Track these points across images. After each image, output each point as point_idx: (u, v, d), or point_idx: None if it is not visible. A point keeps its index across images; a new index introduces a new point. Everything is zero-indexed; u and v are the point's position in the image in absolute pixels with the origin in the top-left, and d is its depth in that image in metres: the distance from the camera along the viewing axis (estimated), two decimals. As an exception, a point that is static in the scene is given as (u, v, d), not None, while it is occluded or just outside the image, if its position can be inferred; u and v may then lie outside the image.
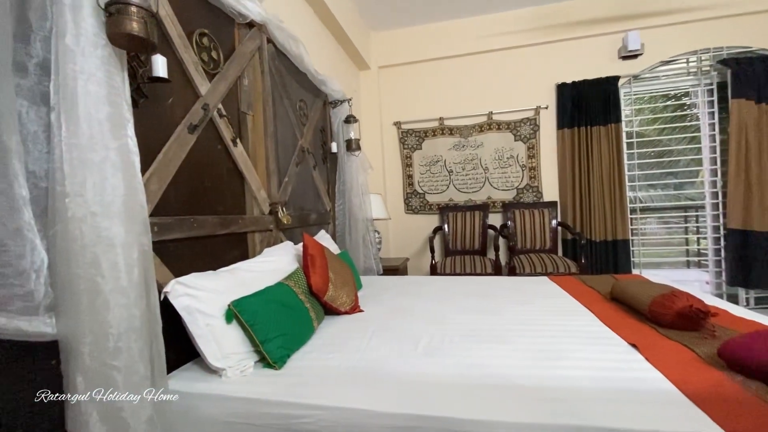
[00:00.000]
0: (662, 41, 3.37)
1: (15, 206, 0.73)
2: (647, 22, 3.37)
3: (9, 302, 0.73)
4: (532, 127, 3.67)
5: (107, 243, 0.82)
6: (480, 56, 3.78)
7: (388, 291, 2.11)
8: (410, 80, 3.97)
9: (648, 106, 3.56)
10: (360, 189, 2.93)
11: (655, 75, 3.45)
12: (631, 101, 3.52)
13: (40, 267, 0.79)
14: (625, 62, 3.46)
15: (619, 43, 3.45)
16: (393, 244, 4.02)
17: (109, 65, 0.88)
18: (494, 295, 1.89)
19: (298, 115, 2.40)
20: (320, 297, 1.57)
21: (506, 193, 3.76)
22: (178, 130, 1.33)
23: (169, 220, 1.25)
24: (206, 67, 1.51)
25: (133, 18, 0.90)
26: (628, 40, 3.34)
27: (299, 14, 2.61)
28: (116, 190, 0.85)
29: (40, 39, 0.88)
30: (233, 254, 1.65)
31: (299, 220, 2.27)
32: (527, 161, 3.70)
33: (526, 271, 3.03)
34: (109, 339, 0.81)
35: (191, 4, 1.47)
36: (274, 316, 1.26)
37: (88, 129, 0.83)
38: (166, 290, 1.11)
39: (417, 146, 3.94)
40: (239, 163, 1.70)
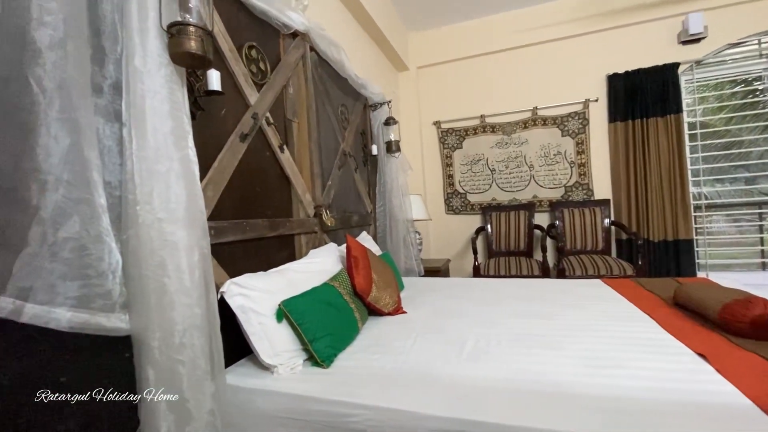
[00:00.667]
0: (729, 22, 3.07)
1: (95, 214, 0.81)
2: (711, 3, 3.09)
3: (91, 300, 0.81)
4: (581, 121, 3.49)
5: (172, 246, 0.89)
6: (522, 50, 3.65)
7: (430, 292, 2.10)
8: (449, 79, 3.92)
9: (713, 93, 3.26)
10: (400, 190, 2.94)
11: (720, 59, 3.15)
12: (693, 89, 3.25)
13: (115, 268, 0.87)
14: (686, 47, 3.19)
15: (679, 27, 3.20)
16: (434, 245, 3.99)
17: (172, 82, 0.96)
18: (543, 299, 1.82)
19: (339, 120, 2.46)
20: (364, 298, 1.60)
21: (554, 191, 3.60)
22: (231, 139, 1.41)
23: (224, 224, 1.33)
24: (255, 78, 1.59)
25: (192, 37, 0.97)
26: (688, 23, 3.08)
27: (339, 20, 2.67)
28: (179, 197, 0.92)
29: (113, 61, 0.97)
30: (281, 255, 1.72)
31: (342, 221, 2.32)
32: (576, 157, 3.53)
33: (577, 273, 2.88)
34: (175, 335, 0.88)
35: (240, 18, 1.55)
36: (321, 316, 1.29)
37: (154, 142, 0.91)
38: (222, 290, 1.18)
39: (457, 145, 3.88)
40: (286, 169, 1.77)
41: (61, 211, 0.77)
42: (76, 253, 0.79)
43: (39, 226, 0.75)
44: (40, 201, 0.76)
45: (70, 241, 0.78)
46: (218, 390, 0.97)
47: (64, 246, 0.77)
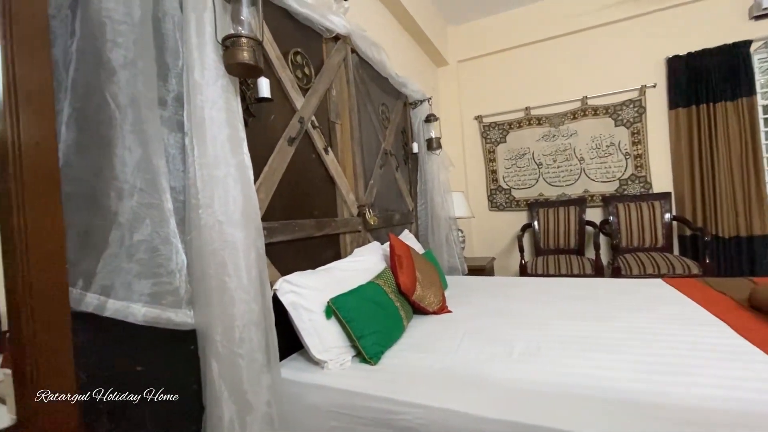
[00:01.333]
0: (816, -11, 2.72)
1: (164, 218, 0.89)
2: (792, -31, 2.75)
3: (162, 297, 0.88)
4: (636, 109, 3.26)
5: (231, 247, 0.95)
6: (570, 37, 3.47)
7: (475, 291, 2.06)
8: (491, 72, 3.81)
9: (796, 71, 2.91)
10: (441, 187, 2.91)
11: (804, 32, 2.81)
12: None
13: (181, 267, 0.94)
14: (759, 23, 2.87)
15: (749, 1, 2.88)
16: (477, 243, 3.91)
17: (227, 92, 1.02)
18: (597, 299, 1.72)
19: (380, 119, 2.48)
20: (408, 296, 1.61)
21: (607, 185, 3.40)
22: (280, 143, 1.47)
23: (275, 225, 1.39)
24: (300, 83, 1.64)
25: (244, 48, 1.02)
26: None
27: (378, 19, 2.69)
28: (236, 200, 0.98)
29: (175, 75, 1.05)
30: (328, 254, 1.77)
31: (384, 220, 2.34)
32: (631, 148, 3.30)
33: (634, 272, 2.70)
34: (235, 330, 0.94)
35: (285, 26, 1.61)
36: (368, 314, 1.32)
37: (213, 149, 0.97)
38: (275, 287, 1.24)
39: (501, 139, 3.77)
40: (330, 170, 1.81)
41: (136, 216, 0.84)
42: (148, 254, 0.86)
43: (117, 229, 0.83)
44: (118, 207, 0.83)
45: (144, 243, 0.85)
46: (274, 382, 1.03)
47: (138, 247, 0.85)
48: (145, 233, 0.86)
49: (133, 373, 0.93)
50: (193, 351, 1.02)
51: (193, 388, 1.03)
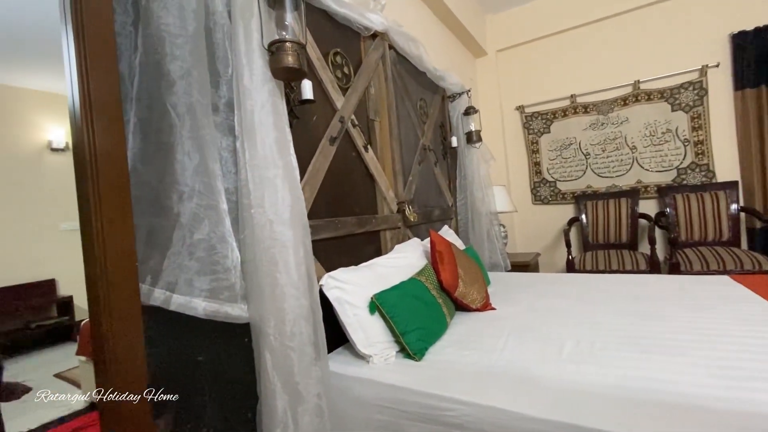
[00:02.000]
0: None
1: (220, 218, 0.94)
2: None
3: (220, 292, 0.94)
4: (696, 92, 3.00)
5: (281, 245, 0.99)
6: (617, 18, 3.26)
7: (519, 288, 2.00)
8: (532, 59, 3.66)
9: None
10: (482, 182, 2.85)
11: None
12: None
13: (236, 264, 1.00)
14: None
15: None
16: (520, 239, 3.79)
17: (274, 96, 1.06)
18: (655, 297, 1.62)
19: (418, 114, 2.46)
20: (451, 293, 1.59)
21: (663, 174, 3.16)
22: (322, 143, 1.51)
23: (319, 222, 1.43)
24: (340, 83, 1.67)
25: (289, 53, 1.06)
26: None
27: (414, 13, 2.67)
28: (285, 200, 1.02)
29: (225, 82, 1.10)
30: (368, 250, 1.80)
31: (423, 216, 2.33)
32: (691, 134, 3.05)
33: (695, 268, 2.51)
34: (286, 324, 0.98)
35: (325, 27, 1.64)
36: (411, 310, 1.33)
37: (262, 151, 1.01)
38: (321, 283, 1.28)
39: (544, 130, 3.62)
40: (370, 167, 1.83)
41: (195, 217, 0.90)
42: (206, 252, 0.92)
43: (179, 229, 0.90)
44: (179, 208, 0.90)
45: (203, 242, 0.91)
46: (323, 375, 1.06)
47: (198, 246, 0.91)
48: (204, 232, 0.91)
49: (194, 362, 1.00)
50: (248, 343, 1.08)
51: (248, 378, 1.09)
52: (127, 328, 0.85)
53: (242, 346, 1.09)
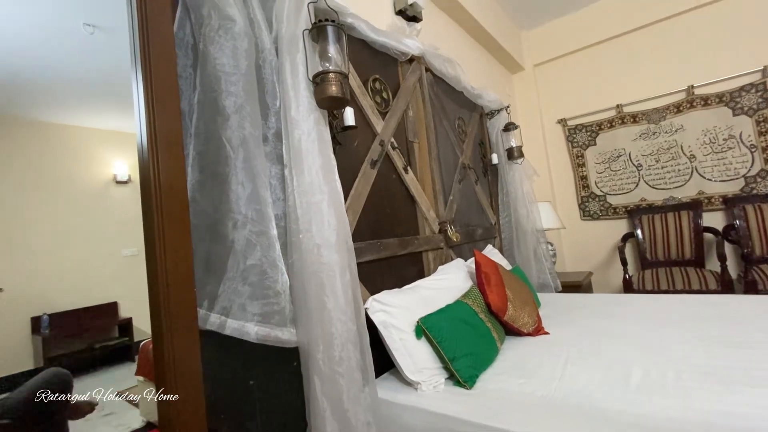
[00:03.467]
0: None
1: (271, 244, 0.97)
2: None
3: (271, 317, 0.96)
4: (761, 93, 2.77)
5: (329, 268, 1.00)
6: (664, 24, 3.10)
7: (573, 311, 1.88)
8: (572, 71, 3.56)
9: None
10: (525, 198, 2.75)
11: None
12: None
13: (285, 288, 1.02)
14: None
15: None
16: (569, 257, 3.60)
17: (319, 124, 1.10)
18: (732, 320, 1.45)
19: (457, 133, 2.45)
20: (500, 316, 1.53)
21: (728, 184, 2.90)
22: (363, 166, 1.53)
23: (362, 245, 1.44)
24: (379, 107, 1.71)
25: (332, 83, 1.10)
26: None
27: (449, 34, 2.70)
28: (331, 224, 1.04)
29: (274, 114, 1.16)
30: (411, 272, 1.77)
31: (466, 236, 2.28)
32: (758, 139, 2.79)
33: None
34: (335, 348, 0.98)
35: (364, 55, 1.69)
36: (459, 334, 1.28)
37: (309, 178, 1.04)
38: (366, 306, 1.27)
39: (590, 142, 3.47)
40: (411, 188, 1.84)
41: (248, 243, 0.94)
42: (259, 277, 0.95)
43: (234, 256, 0.93)
44: (234, 235, 0.94)
45: (255, 267, 0.94)
46: (372, 402, 1.04)
47: (251, 271, 0.94)
48: (256, 258, 0.94)
49: (246, 387, 1.02)
50: (296, 368, 1.09)
51: (297, 403, 1.09)
52: (186, 351, 0.89)
53: (291, 370, 1.10)
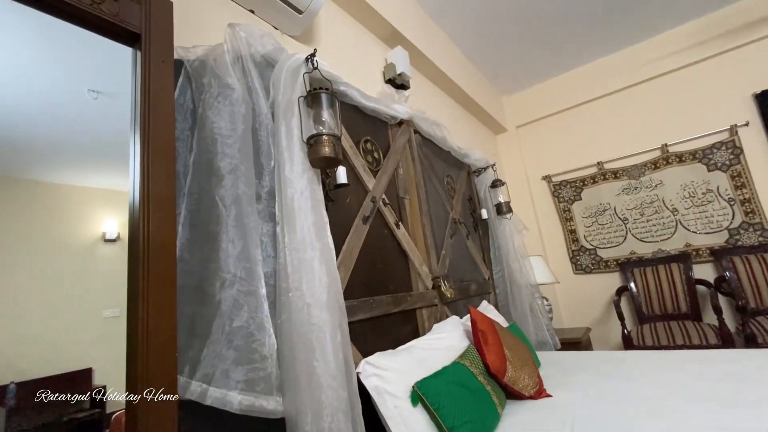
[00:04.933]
0: None
1: (259, 303, 0.94)
2: None
3: (256, 384, 0.90)
4: (731, 150, 2.94)
5: (319, 329, 0.96)
6: (637, 88, 3.38)
7: (575, 370, 1.80)
8: (553, 131, 3.78)
9: None
10: (517, 252, 2.76)
11: None
12: None
13: (272, 352, 0.96)
14: None
15: None
16: (566, 312, 3.53)
17: (312, 183, 1.12)
18: (739, 377, 1.40)
19: (446, 190, 2.52)
20: (499, 378, 1.45)
21: (713, 236, 2.97)
22: (355, 222, 1.54)
23: (354, 303, 1.40)
24: (371, 166, 1.76)
25: (326, 144, 1.14)
26: None
27: (436, 100, 2.89)
28: (322, 281, 1.02)
29: (268, 173, 1.19)
30: (405, 331, 1.71)
31: (460, 291, 2.24)
32: (735, 193, 2.91)
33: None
34: (324, 419, 0.91)
35: (356, 119, 1.78)
36: (458, 400, 1.20)
37: (301, 235, 1.04)
38: (358, 371, 1.20)
39: (575, 197, 3.58)
40: (403, 243, 1.84)
41: (236, 304, 0.91)
42: (245, 340, 0.91)
43: (220, 318, 0.90)
44: (221, 296, 0.91)
45: (241, 329, 0.90)
46: (365, 482, 0.94)
47: (237, 334, 0.90)
48: (243, 319, 0.91)
49: (227, 465, 0.92)
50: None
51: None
52: (163, 423, 0.81)
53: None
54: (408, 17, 2.46)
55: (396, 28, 2.27)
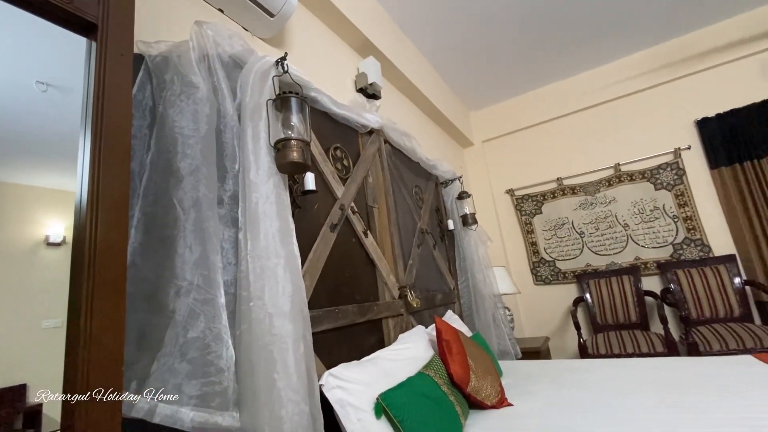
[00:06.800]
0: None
1: (217, 312, 0.89)
2: (806, 31, 2.83)
3: (211, 399, 0.85)
4: (675, 172, 3.19)
5: (281, 340, 0.92)
6: (594, 109, 3.60)
7: (535, 379, 1.85)
8: (517, 147, 3.94)
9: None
10: (481, 263, 2.83)
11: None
12: (812, 120, 2.84)
13: (230, 365, 0.91)
14: (787, 80, 2.88)
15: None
16: (527, 322, 3.64)
17: (278, 188, 1.09)
18: (682, 383, 1.49)
19: (414, 200, 2.54)
20: (463, 388, 1.46)
21: (659, 250, 3.18)
22: (323, 230, 1.51)
23: (319, 313, 1.36)
24: (340, 174, 1.74)
25: (294, 149, 1.12)
26: (784, 55, 2.82)
27: (406, 111, 2.93)
28: (286, 291, 0.98)
29: (232, 177, 1.14)
30: (371, 341, 1.69)
31: (426, 301, 2.25)
32: (678, 211, 3.14)
33: (715, 348, 2.38)
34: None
35: (326, 125, 1.77)
36: (422, 411, 1.19)
37: (265, 241, 1.00)
38: (321, 383, 1.16)
39: (536, 211, 3.73)
40: (370, 252, 1.82)
41: (191, 313, 0.85)
42: (200, 352, 0.85)
43: (173, 328, 0.84)
44: (175, 304, 0.85)
45: (197, 340, 0.85)
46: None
47: (191, 345, 0.84)
48: (199, 330, 0.85)
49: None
50: (238, 460, 0.94)
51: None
52: (102, 447, 0.74)
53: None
54: (381, 28, 2.49)
55: (368, 38, 2.29)
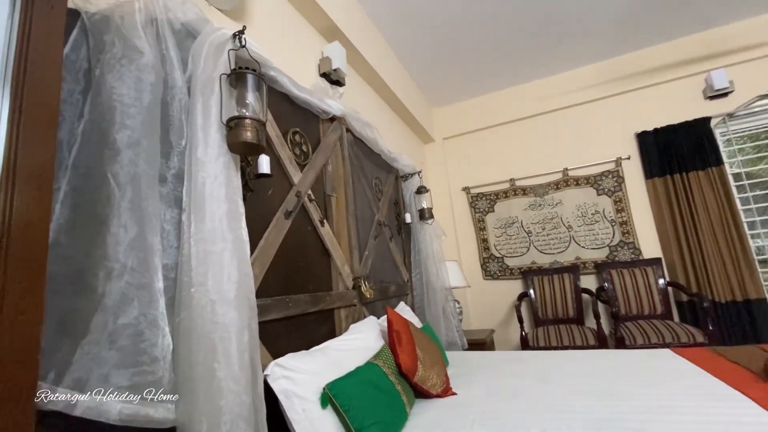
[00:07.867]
0: (755, 75, 3.08)
1: (154, 298, 0.83)
2: (732, 59, 3.15)
3: (142, 389, 0.79)
4: (615, 179, 3.44)
5: (223, 328, 0.88)
6: (548, 115, 3.77)
7: (479, 369, 1.93)
8: (476, 146, 4.05)
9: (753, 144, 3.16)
10: (435, 257, 2.89)
11: (751, 111, 3.10)
12: (730, 141, 3.17)
13: (166, 354, 0.86)
14: (714, 102, 3.19)
15: (702, 84, 3.24)
16: (474, 315, 3.79)
17: (229, 169, 1.03)
18: (609, 374, 1.62)
19: (374, 192, 2.53)
20: (410, 378, 1.49)
21: (597, 251, 3.43)
22: (277, 216, 1.46)
23: (268, 302, 1.32)
24: (298, 159, 1.69)
25: (248, 128, 1.06)
26: (711, 79, 3.11)
27: (370, 102, 2.90)
28: (231, 277, 0.93)
29: (177, 154, 1.06)
30: (322, 331, 1.67)
31: (379, 292, 2.27)
32: (616, 216, 3.40)
33: (638, 342, 2.61)
34: (221, 427, 0.83)
35: (285, 108, 1.70)
36: (369, 401, 1.20)
37: (211, 225, 0.95)
38: (266, 373, 1.13)
39: (489, 209, 3.87)
40: (326, 242, 1.79)
41: (124, 298, 0.79)
42: (131, 340, 0.79)
43: (101, 313, 0.77)
44: (105, 288, 0.78)
45: (128, 327, 0.78)
46: (263, 492, 0.88)
47: (122, 333, 0.78)
48: (131, 316, 0.79)
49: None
50: (173, 453, 0.89)
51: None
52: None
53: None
54: (349, 14, 2.43)
55: (335, 23, 2.23)
